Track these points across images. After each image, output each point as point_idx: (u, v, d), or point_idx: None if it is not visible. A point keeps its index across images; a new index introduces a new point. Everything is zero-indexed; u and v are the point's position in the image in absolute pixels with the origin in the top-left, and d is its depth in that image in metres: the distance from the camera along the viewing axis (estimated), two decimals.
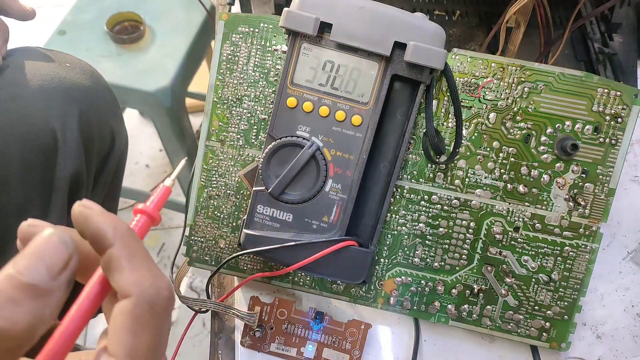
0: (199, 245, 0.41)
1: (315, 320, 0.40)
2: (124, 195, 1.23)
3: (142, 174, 1.31)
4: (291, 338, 0.40)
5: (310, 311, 0.40)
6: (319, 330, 0.40)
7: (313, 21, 0.35)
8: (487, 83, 0.38)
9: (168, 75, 0.89)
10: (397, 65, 0.36)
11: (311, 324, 0.40)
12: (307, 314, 0.40)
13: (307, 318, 0.40)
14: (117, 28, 0.96)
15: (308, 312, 0.40)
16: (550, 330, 0.40)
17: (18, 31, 0.55)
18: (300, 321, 0.40)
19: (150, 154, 1.34)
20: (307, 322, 0.40)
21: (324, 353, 0.40)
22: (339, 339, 0.40)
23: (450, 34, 0.51)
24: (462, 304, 0.40)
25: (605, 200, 0.38)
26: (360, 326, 0.40)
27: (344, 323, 0.40)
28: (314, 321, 0.40)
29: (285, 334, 0.40)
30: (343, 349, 0.40)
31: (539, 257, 0.39)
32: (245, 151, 0.40)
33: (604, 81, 0.37)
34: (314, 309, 0.40)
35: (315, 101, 0.37)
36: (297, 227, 0.38)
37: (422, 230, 0.40)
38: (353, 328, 0.40)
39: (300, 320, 0.40)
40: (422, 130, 0.38)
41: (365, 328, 0.40)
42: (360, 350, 0.40)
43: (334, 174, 0.37)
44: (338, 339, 0.40)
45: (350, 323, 0.40)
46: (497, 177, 0.39)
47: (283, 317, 0.40)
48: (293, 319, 0.40)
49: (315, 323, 0.40)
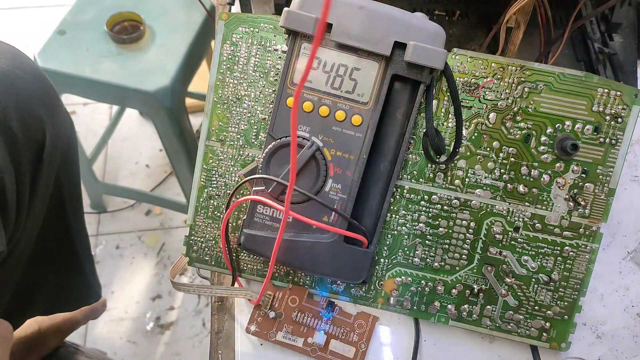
0: (199, 245, 0.41)
1: (327, 309, 0.40)
2: (124, 195, 1.24)
3: (142, 174, 1.31)
4: (299, 327, 0.40)
5: (322, 300, 0.40)
6: (329, 320, 0.40)
7: (313, 21, 0.35)
8: (487, 83, 0.38)
9: (168, 75, 0.89)
10: (397, 65, 0.36)
11: (322, 313, 0.40)
12: (318, 303, 0.40)
13: (318, 307, 0.40)
14: (117, 28, 0.96)
15: (319, 302, 0.40)
16: (550, 330, 0.40)
17: (18, 31, 0.55)
18: (311, 310, 0.40)
19: (150, 154, 1.34)
20: (317, 311, 0.40)
21: (331, 344, 0.40)
22: (347, 331, 0.40)
23: (450, 34, 0.51)
24: (462, 304, 0.40)
25: (606, 200, 0.38)
26: (369, 319, 0.40)
27: (353, 315, 0.41)
28: (326, 310, 0.40)
29: (294, 323, 0.40)
30: (350, 341, 0.40)
31: (539, 257, 0.39)
32: (245, 151, 0.40)
33: (604, 81, 0.37)
34: (325, 298, 0.40)
35: (315, 101, 0.37)
36: (297, 227, 0.38)
37: (422, 230, 0.40)
38: (361, 320, 0.40)
39: (311, 309, 0.40)
40: (422, 130, 0.38)
41: (373, 321, 0.40)
42: (367, 343, 0.40)
43: (334, 174, 0.37)
44: (346, 330, 0.40)
45: (359, 315, 0.41)
46: (497, 177, 0.39)
47: (294, 305, 0.40)
48: (304, 307, 0.40)
49: (326, 312, 0.40)
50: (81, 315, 0.80)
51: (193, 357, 1.05)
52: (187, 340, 1.07)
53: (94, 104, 1.41)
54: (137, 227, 1.23)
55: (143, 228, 1.23)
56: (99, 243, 1.20)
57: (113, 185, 1.25)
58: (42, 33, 1.01)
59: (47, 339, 0.73)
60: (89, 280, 0.72)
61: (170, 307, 1.11)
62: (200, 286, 0.40)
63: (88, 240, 0.71)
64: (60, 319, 0.76)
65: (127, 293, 1.13)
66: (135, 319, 1.10)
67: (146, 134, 1.37)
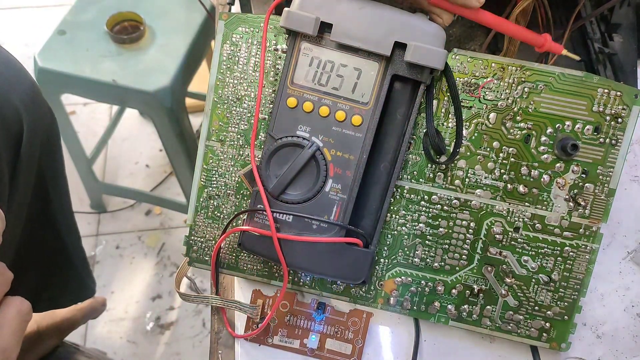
0: (198, 245, 0.41)
1: (318, 311, 0.40)
2: (124, 195, 1.24)
3: (142, 174, 1.31)
4: (294, 330, 0.40)
5: (312, 302, 0.41)
6: (322, 321, 0.40)
7: (313, 21, 0.35)
8: (487, 83, 0.38)
9: (168, 75, 0.89)
10: (397, 66, 0.36)
11: (313, 315, 0.40)
12: (309, 305, 0.41)
13: (310, 309, 0.40)
14: (117, 28, 0.96)
15: (310, 304, 0.41)
16: (550, 330, 0.40)
17: (18, 31, 0.55)
18: (303, 313, 0.41)
19: (150, 154, 1.34)
20: (309, 313, 0.40)
21: (327, 344, 0.40)
22: (342, 329, 0.40)
23: (450, 34, 0.51)
24: (462, 304, 0.40)
25: (606, 201, 0.38)
26: (362, 315, 0.40)
27: (345, 313, 0.41)
28: (317, 312, 0.40)
29: (288, 326, 0.40)
30: (346, 339, 0.40)
31: (539, 257, 0.39)
32: (245, 151, 0.40)
33: (604, 81, 0.37)
34: (315, 300, 0.41)
35: (315, 101, 0.37)
36: (297, 227, 0.38)
37: (422, 231, 0.40)
38: (355, 317, 0.40)
39: (303, 311, 0.41)
40: (422, 130, 0.38)
41: (367, 317, 0.40)
42: (363, 339, 0.40)
43: (334, 174, 0.37)
44: (340, 329, 0.40)
45: (352, 313, 0.41)
46: (497, 177, 0.39)
47: (285, 309, 0.40)
48: (295, 310, 0.41)
49: (317, 314, 0.40)
50: (80, 314, 0.80)
51: (193, 357, 1.05)
52: (187, 340, 1.07)
53: (94, 104, 1.41)
54: (137, 227, 1.23)
55: (143, 228, 1.23)
56: (99, 243, 1.20)
57: (113, 185, 1.25)
58: (42, 33, 1.01)
59: (45, 338, 0.73)
60: (81, 276, 0.71)
61: (170, 307, 1.11)
62: (206, 296, 0.40)
63: (78, 234, 0.69)
64: (60, 318, 0.76)
65: (127, 293, 1.13)
66: (135, 319, 1.10)
67: (146, 134, 1.37)
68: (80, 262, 0.71)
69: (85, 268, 0.73)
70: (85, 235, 1.19)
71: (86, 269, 0.73)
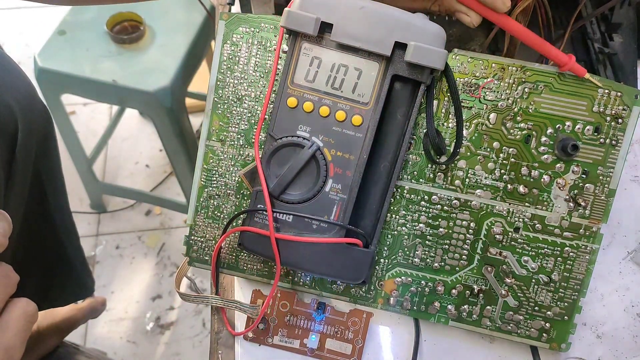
0: (199, 245, 0.41)
1: (318, 311, 0.40)
2: (124, 195, 1.24)
3: (142, 174, 1.31)
4: (294, 330, 0.40)
5: (312, 302, 0.41)
6: (322, 321, 0.40)
7: (314, 21, 0.35)
8: (487, 83, 0.38)
9: (168, 75, 0.89)
10: (397, 66, 0.36)
11: (313, 315, 0.40)
12: (309, 305, 0.41)
13: (309, 309, 0.40)
14: (117, 28, 0.96)
15: (310, 304, 0.41)
16: (550, 330, 0.40)
17: (18, 31, 0.55)
18: (303, 312, 0.41)
19: (150, 154, 1.34)
20: (309, 313, 0.40)
21: (327, 344, 0.40)
22: (342, 329, 0.40)
23: (451, 34, 0.51)
24: (462, 305, 0.40)
25: (606, 201, 0.38)
26: (362, 315, 0.40)
27: (345, 313, 0.41)
28: (317, 312, 0.40)
29: (288, 326, 0.40)
30: (346, 339, 0.40)
31: (539, 257, 0.39)
32: (246, 151, 0.40)
33: (604, 81, 0.37)
34: (315, 300, 0.41)
35: (315, 101, 0.37)
36: (297, 227, 0.38)
37: (422, 231, 0.40)
38: (355, 317, 0.40)
39: (303, 311, 0.41)
40: (423, 130, 0.38)
41: (367, 317, 0.40)
42: (363, 339, 0.40)
43: (334, 174, 0.37)
44: (340, 329, 0.40)
45: (352, 312, 0.41)
46: (498, 177, 0.39)
47: (285, 309, 0.40)
48: (295, 310, 0.41)
49: (317, 314, 0.40)
50: (81, 314, 0.80)
51: (193, 357, 1.05)
52: (187, 340, 1.07)
53: (94, 104, 1.40)
54: (137, 227, 1.23)
55: (143, 228, 1.23)
56: (99, 243, 1.20)
57: (113, 185, 1.25)
58: (42, 33, 1.01)
59: (46, 338, 0.73)
60: (79, 274, 0.71)
61: (170, 307, 1.11)
62: (206, 296, 0.40)
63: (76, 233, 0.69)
64: (60, 318, 0.76)
65: (127, 293, 1.13)
66: (135, 319, 1.10)
67: (146, 134, 1.37)
68: (78, 261, 0.71)
69: (84, 267, 0.73)
70: (85, 236, 1.19)
71: (85, 268, 0.73)
